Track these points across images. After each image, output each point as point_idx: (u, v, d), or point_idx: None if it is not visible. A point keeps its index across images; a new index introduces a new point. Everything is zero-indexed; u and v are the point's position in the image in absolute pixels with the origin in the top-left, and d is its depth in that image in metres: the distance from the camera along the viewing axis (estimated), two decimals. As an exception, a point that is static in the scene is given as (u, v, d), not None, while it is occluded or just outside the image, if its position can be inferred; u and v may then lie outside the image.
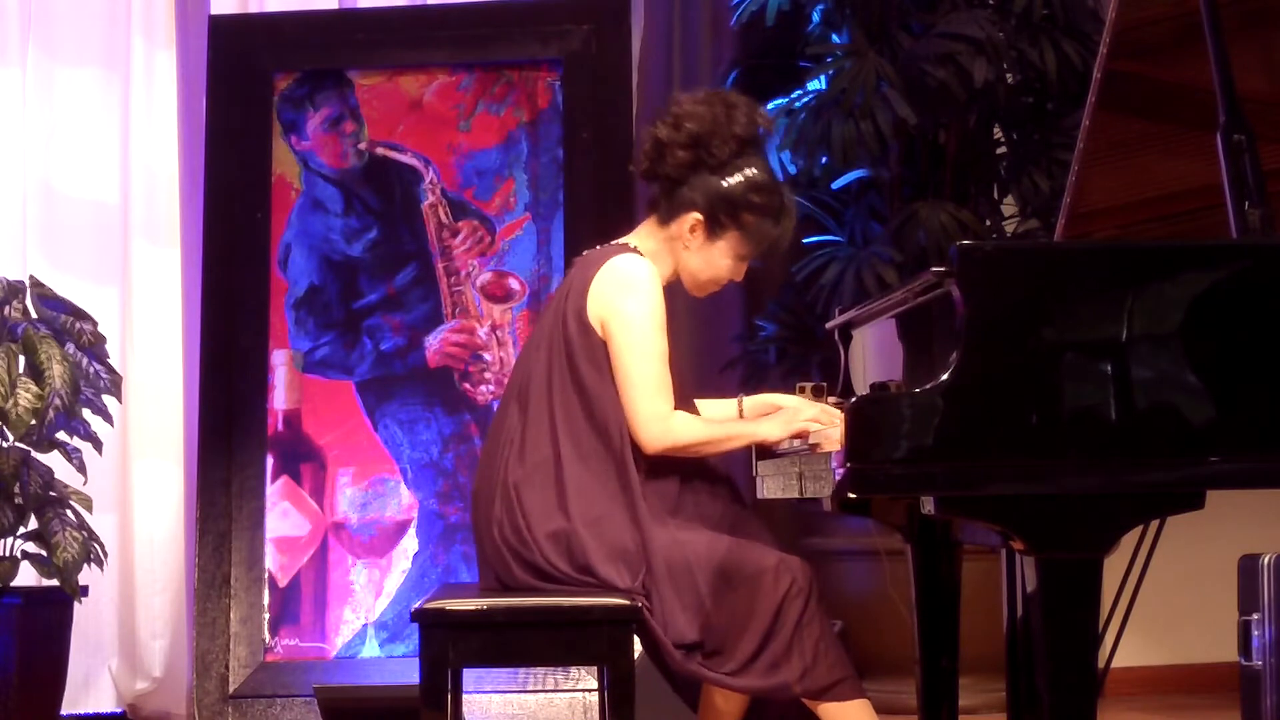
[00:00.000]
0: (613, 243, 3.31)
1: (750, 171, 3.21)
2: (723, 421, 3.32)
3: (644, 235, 3.30)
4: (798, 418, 3.15)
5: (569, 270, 3.36)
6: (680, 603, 3.07)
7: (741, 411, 3.40)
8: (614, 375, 3.16)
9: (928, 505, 2.68)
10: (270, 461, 4.91)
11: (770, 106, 4.89)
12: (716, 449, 3.22)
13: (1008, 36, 4.73)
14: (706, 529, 3.17)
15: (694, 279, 3.30)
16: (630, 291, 3.17)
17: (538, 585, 3.12)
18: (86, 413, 4.66)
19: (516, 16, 5.06)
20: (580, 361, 3.18)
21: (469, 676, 4.23)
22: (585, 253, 3.34)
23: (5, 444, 4.57)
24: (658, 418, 3.14)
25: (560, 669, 4.64)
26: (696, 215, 3.22)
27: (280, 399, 4.94)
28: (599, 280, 3.20)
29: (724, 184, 3.20)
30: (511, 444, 3.19)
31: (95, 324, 4.71)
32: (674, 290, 3.28)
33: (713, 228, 3.22)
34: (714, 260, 3.26)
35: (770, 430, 3.19)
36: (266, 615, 4.82)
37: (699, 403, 3.39)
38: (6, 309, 4.61)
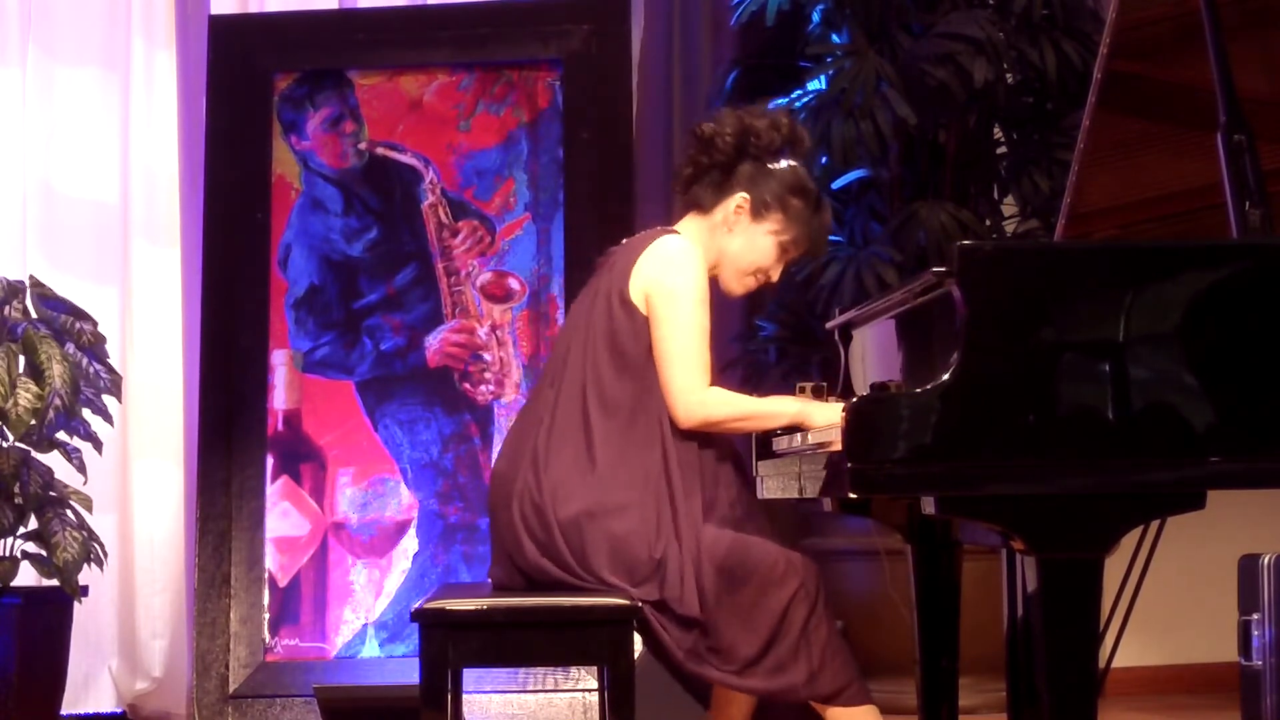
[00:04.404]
0: (656, 228, 3.34)
1: (794, 163, 3.32)
2: (765, 398, 3.27)
3: (686, 226, 3.33)
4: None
5: (609, 257, 3.35)
6: (686, 598, 3.06)
7: None
8: (654, 348, 3.16)
9: (928, 505, 2.67)
10: (270, 461, 4.90)
11: (770, 106, 4.89)
12: (755, 425, 3.23)
13: (1008, 36, 4.73)
14: (715, 518, 3.14)
15: (735, 265, 3.31)
16: (675, 267, 3.19)
17: (546, 567, 3.11)
18: (86, 413, 4.66)
19: (516, 16, 5.06)
20: (624, 340, 3.18)
21: (469, 676, 4.22)
22: (626, 240, 3.36)
23: (5, 444, 4.57)
24: (691, 390, 3.13)
25: (560, 669, 4.63)
26: (743, 194, 3.27)
27: (280, 399, 4.94)
28: (644, 259, 3.22)
29: (770, 167, 3.29)
30: (542, 422, 3.18)
31: (95, 324, 4.71)
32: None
33: (758, 208, 3.28)
34: (757, 242, 3.29)
35: (819, 415, 3.10)
36: (266, 615, 4.82)
37: None
38: (6, 309, 4.61)
